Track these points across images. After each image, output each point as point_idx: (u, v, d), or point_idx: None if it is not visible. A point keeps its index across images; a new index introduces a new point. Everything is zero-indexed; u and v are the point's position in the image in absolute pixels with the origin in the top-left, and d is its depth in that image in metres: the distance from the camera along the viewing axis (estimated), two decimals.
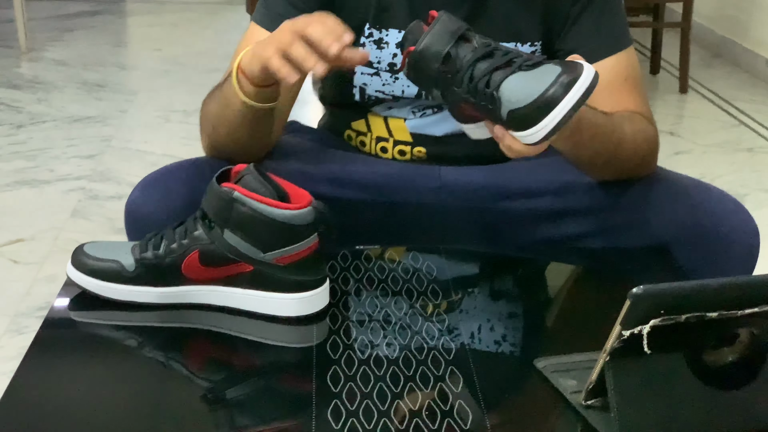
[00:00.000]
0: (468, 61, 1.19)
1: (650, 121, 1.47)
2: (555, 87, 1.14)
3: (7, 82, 4.20)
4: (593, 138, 1.34)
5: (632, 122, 1.42)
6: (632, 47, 1.49)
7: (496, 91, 1.17)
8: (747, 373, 1.01)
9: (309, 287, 1.22)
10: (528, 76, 1.17)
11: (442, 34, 1.20)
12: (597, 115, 1.34)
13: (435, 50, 1.20)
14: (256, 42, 1.29)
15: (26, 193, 3.07)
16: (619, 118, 1.40)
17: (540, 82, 1.15)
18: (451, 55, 1.19)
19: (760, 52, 4.54)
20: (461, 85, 1.19)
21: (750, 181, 3.32)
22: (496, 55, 1.19)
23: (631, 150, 1.41)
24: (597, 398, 1.02)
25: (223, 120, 1.38)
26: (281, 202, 1.19)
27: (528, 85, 1.16)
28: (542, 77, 1.16)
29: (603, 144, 1.36)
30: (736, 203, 1.41)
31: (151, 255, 1.21)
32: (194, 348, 1.23)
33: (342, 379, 1.10)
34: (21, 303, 2.37)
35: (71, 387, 1.12)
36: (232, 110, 1.35)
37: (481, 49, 1.19)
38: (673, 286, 0.97)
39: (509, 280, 1.43)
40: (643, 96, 1.50)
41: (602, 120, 1.35)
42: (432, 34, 1.20)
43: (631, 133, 1.40)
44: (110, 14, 5.61)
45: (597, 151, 1.37)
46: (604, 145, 1.37)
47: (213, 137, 1.42)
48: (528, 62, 1.18)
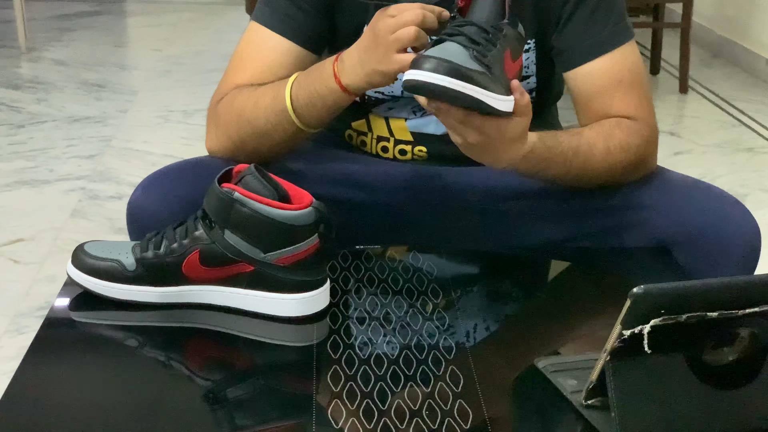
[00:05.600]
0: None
1: (646, 123, 1.44)
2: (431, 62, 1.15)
3: (7, 82, 4.20)
4: (547, 168, 1.36)
5: (610, 136, 1.40)
6: (631, 43, 1.46)
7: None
8: (747, 373, 1.01)
9: (309, 287, 1.22)
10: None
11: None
12: (557, 141, 1.35)
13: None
14: (344, 59, 1.33)
15: (26, 193, 3.07)
16: (590, 135, 1.39)
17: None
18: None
19: (760, 52, 4.54)
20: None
21: (750, 181, 3.31)
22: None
23: (604, 166, 1.40)
24: (597, 398, 1.02)
25: (262, 133, 1.40)
26: (282, 202, 1.19)
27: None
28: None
29: (563, 167, 1.37)
30: (737, 203, 1.41)
31: (151, 255, 1.21)
32: (194, 348, 1.23)
33: (342, 378, 1.10)
34: (21, 303, 2.37)
35: (71, 387, 1.12)
36: (278, 130, 1.39)
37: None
38: (673, 286, 0.97)
39: (509, 280, 1.43)
40: (641, 95, 1.46)
41: (564, 145, 1.36)
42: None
43: (603, 149, 1.38)
44: (110, 14, 5.61)
45: (556, 175, 1.38)
46: (565, 168, 1.37)
47: (237, 140, 1.42)
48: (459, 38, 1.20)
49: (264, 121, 1.39)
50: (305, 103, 1.36)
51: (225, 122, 1.43)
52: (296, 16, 1.44)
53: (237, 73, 1.46)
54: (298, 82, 1.37)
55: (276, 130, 1.39)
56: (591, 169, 1.39)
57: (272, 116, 1.38)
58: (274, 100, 1.38)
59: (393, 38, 1.26)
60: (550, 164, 1.35)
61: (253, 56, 1.46)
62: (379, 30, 1.28)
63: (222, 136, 1.44)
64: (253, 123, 1.40)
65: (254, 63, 1.45)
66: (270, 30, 1.45)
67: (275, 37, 1.44)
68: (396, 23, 1.27)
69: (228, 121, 1.43)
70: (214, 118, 1.45)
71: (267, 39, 1.45)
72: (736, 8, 4.83)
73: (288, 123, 1.38)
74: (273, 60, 1.45)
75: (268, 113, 1.39)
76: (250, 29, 1.48)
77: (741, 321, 0.99)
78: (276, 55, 1.45)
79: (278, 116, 1.38)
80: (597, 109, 1.44)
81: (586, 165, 1.38)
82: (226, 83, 1.47)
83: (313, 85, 1.36)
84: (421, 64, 1.16)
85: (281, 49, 1.45)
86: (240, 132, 1.41)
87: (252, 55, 1.46)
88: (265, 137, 1.40)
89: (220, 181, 1.19)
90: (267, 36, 1.45)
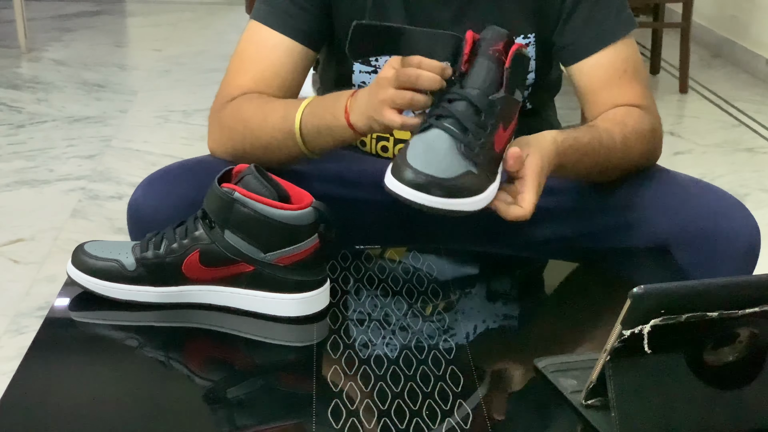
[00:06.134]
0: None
1: (650, 111, 1.46)
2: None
3: (7, 82, 4.20)
4: (578, 162, 1.35)
5: (624, 125, 1.41)
6: (631, 36, 1.47)
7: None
8: (747, 373, 1.01)
9: (309, 287, 1.22)
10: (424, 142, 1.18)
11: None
12: (579, 138, 1.34)
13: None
14: (357, 97, 1.30)
15: (26, 193, 3.07)
16: (607, 126, 1.40)
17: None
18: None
19: (760, 52, 4.54)
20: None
21: (750, 181, 3.31)
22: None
23: (623, 156, 1.40)
24: (597, 398, 1.02)
25: (266, 148, 1.39)
26: (282, 202, 1.19)
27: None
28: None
29: (591, 162, 1.37)
30: (737, 203, 1.41)
31: (151, 254, 1.21)
32: (194, 348, 1.23)
33: (342, 378, 1.10)
34: (21, 303, 2.37)
35: (71, 387, 1.12)
36: (282, 148, 1.39)
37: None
38: (673, 286, 0.97)
39: (509, 280, 1.43)
40: (643, 84, 1.49)
41: (586, 139, 1.35)
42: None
43: (621, 138, 1.39)
44: (110, 14, 5.61)
45: (587, 169, 1.38)
46: (593, 161, 1.37)
47: (240, 147, 1.42)
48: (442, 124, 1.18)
49: (270, 138, 1.39)
50: (313, 131, 1.36)
51: (230, 128, 1.43)
52: (297, 15, 1.44)
53: (239, 74, 1.46)
54: (311, 107, 1.37)
55: (280, 148, 1.39)
56: (614, 159, 1.40)
57: (279, 135, 1.39)
58: (283, 120, 1.38)
59: (388, 96, 1.23)
60: (578, 163, 1.35)
61: (255, 56, 1.46)
62: (380, 80, 1.25)
63: (225, 140, 1.44)
64: (258, 136, 1.40)
65: (256, 63, 1.45)
66: (270, 29, 1.45)
67: (276, 35, 1.45)
68: (395, 80, 1.23)
69: (233, 127, 1.43)
70: (219, 121, 1.45)
71: (268, 38, 1.45)
72: (736, 8, 4.83)
73: (293, 145, 1.38)
74: (275, 59, 1.45)
75: (275, 131, 1.39)
76: (250, 28, 1.48)
77: (741, 321, 0.99)
78: (277, 54, 1.45)
79: (285, 136, 1.38)
80: (603, 101, 1.45)
81: (609, 156, 1.39)
82: (230, 84, 1.47)
83: (324, 115, 1.35)
84: (401, 173, 1.15)
85: (282, 48, 1.45)
86: (244, 142, 1.41)
87: (253, 54, 1.46)
88: (269, 152, 1.39)
89: (220, 181, 1.19)
90: (268, 35, 1.45)
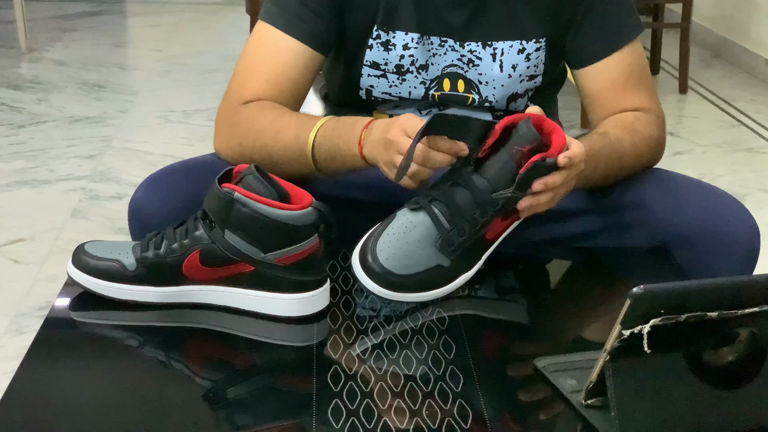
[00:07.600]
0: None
1: (656, 114, 1.48)
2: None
3: (7, 82, 4.20)
4: (596, 170, 1.36)
5: (634, 132, 1.42)
6: (638, 39, 1.49)
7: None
8: (747, 373, 1.02)
9: (310, 287, 1.22)
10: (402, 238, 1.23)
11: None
12: (592, 146, 1.34)
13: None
14: (372, 131, 1.31)
15: (26, 193, 3.07)
16: (617, 134, 1.41)
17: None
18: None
19: (760, 52, 4.54)
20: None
21: (750, 181, 3.32)
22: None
23: (634, 161, 1.42)
24: (597, 398, 1.03)
25: (275, 161, 1.39)
26: (282, 202, 1.19)
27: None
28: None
29: (605, 168, 1.39)
30: (737, 203, 1.41)
31: (151, 254, 1.21)
32: (195, 348, 1.23)
33: (342, 378, 1.10)
34: (21, 303, 2.37)
35: (71, 387, 1.12)
36: (292, 165, 1.39)
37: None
38: (673, 286, 0.97)
39: (509, 280, 1.43)
40: (648, 86, 1.50)
41: (598, 146, 1.36)
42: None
43: (631, 144, 1.41)
44: (110, 14, 5.61)
45: (602, 176, 1.39)
46: (607, 168, 1.39)
47: (248, 155, 1.41)
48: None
49: (281, 154, 1.39)
50: (325, 154, 1.36)
51: (241, 135, 1.43)
52: (307, 18, 1.44)
53: (250, 76, 1.46)
54: (324, 130, 1.37)
55: (290, 164, 1.39)
56: (626, 166, 1.42)
57: (290, 153, 1.39)
58: (296, 139, 1.38)
59: (393, 160, 1.26)
60: (595, 171, 1.36)
61: (266, 58, 1.46)
62: (393, 136, 1.26)
63: (234, 146, 1.44)
64: (269, 150, 1.40)
65: (267, 65, 1.45)
66: (281, 31, 1.44)
67: (287, 39, 1.44)
68: (405, 147, 1.23)
69: (244, 135, 1.43)
70: (231, 125, 1.45)
71: (279, 41, 1.45)
72: (736, 8, 4.83)
73: (304, 164, 1.38)
74: (285, 63, 1.44)
75: (287, 149, 1.39)
76: (260, 29, 1.47)
77: (741, 321, 0.99)
78: (288, 57, 1.44)
79: (296, 155, 1.38)
80: (609, 105, 1.46)
81: (622, 163, 1.41)
82: (242, 86, 1.46)
83: (338, 141, 1.35)
84: (365, 257, 1.22)
85: (293, 52, 1.44)
86: (254, 151, 1.41)
87: (264, 57, 1.46)
88: (277, 165, 1.38)
89: (220, 181, 1.19)
90: (279, 38, 1.44)
